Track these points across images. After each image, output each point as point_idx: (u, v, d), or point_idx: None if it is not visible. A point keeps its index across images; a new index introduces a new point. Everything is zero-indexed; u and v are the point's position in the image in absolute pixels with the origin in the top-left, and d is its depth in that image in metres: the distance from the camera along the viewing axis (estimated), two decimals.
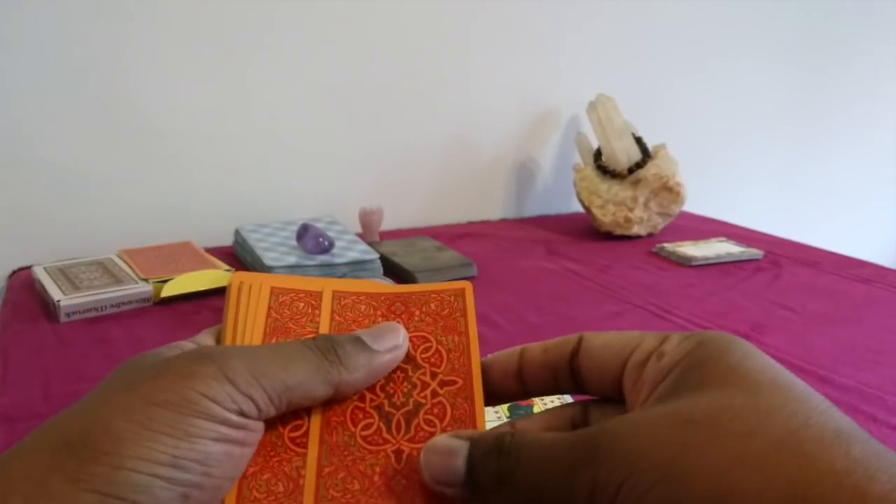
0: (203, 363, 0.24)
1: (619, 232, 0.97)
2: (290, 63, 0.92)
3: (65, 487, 0.21)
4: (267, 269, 0.70)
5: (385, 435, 0.27)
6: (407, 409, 0.28)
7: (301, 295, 0.31)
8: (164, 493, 0.21)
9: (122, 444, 0.21)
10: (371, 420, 0.27)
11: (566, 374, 0.27)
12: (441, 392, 0.28)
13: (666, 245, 0.91)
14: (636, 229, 0.97)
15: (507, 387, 0.28)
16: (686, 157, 1.01)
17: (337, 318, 0.30)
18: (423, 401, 0.28)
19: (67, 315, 0.64)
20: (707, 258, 0.85)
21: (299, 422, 0.27)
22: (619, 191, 0.97)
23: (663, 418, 0.20)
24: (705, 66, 1.25)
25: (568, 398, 0.50)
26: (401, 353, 0.29)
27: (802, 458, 0.18)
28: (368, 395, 0.28)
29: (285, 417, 0.27)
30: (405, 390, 0.28)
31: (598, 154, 1.01)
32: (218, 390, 0.23)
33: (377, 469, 0.26)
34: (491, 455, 0.23)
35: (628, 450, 0.20)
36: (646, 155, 0.98)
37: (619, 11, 1.13)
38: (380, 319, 0.30)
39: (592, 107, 1.01)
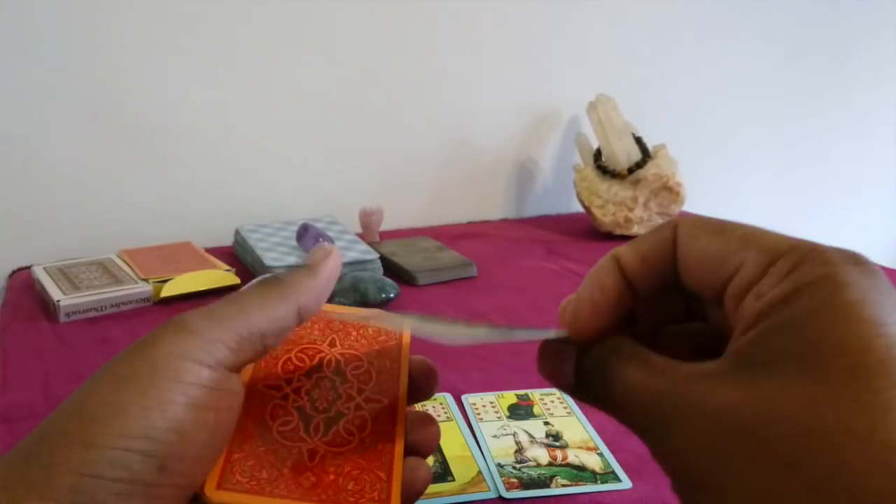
0: (165, 328, 0.24)
1: (619, 232, 0.97)
2: (290, 64, 0.92)
3: (41, 473, 0.21)
4: (267, 269, 0.70)
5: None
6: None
7: None
8: (140, 467, 0.22)
9: (93, 424, 0.22)
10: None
11: (673, 276, 0.24)
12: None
13: None
14: (636, 229, 0.97)
15: (623, 304, 0.25)
16: (686, 157, 1.01)
17: None
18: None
19: (67, 315, 0.64)
20: None
21: (289, 417, 0.28)
22: (619, 191, 0.97)
23: (720, 415, 0.19)
24: (705, 66, 1.25)
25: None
26: (337, 260, 0.30)
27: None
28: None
29: (275, 412, 0.28)
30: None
31: (598, 154, 1.01)
32: (183, 347, 0.24)
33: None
34: (592, 373, 0.24)
35: (677, 437, 0.19)
36: (646, 155, 0.98)
37: (619, 11, 1.13)
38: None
39: (592, 107, 1.01)
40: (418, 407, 0.39)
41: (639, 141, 0.99)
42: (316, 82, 0.94)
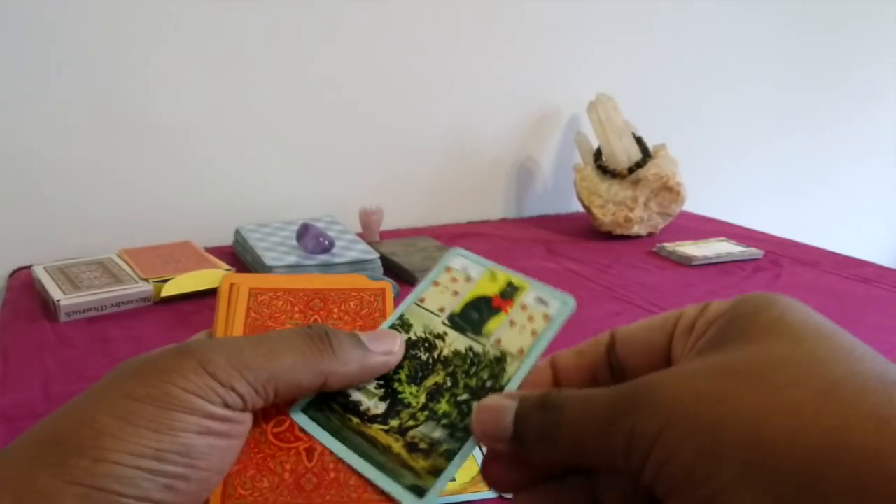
0: (183, 358, 0.24)
1: (619, 231, 0.97)
2: (290, 63, 0.92)
3: (50, 481, 0.21)
4: (267, 269, 0.70)
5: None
6: None
7: (280, 293, 0.31)
8: (148, 485, 0.22)
9: (105, 439, 0.22)
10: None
11: (604, 371, 0.26)
12: None
13: (666, 245, 0.91)
14: (636, 229, 0.96)
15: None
16: (686, 157, 1.01)
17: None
18: None
19: (67, 315, 0.64)
20: (707, 258, 0.85)
21: (282, 417, 0.27)
22: (619, 190, 0.97)
23: (703, 370, 0.20)
24: (706, 65, 1.25)
25: None
26: (394, 360, 0.28)
27: (843, 406, 0.18)
28: None
29: (268, 414, 0.27)
30: None
31: (598, 154, 1.01)
32: (199, 384, 0.23)
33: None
34: (536, 410, 0.23)
35: (665, 400, 0.20)
36: (646, 155, 0.98)
37: (619, 11, 1.13)
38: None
39: (592, 107, 1.01)
40: None
41: (639, 141, 0.99)
42: (316, 83, 0.94)
